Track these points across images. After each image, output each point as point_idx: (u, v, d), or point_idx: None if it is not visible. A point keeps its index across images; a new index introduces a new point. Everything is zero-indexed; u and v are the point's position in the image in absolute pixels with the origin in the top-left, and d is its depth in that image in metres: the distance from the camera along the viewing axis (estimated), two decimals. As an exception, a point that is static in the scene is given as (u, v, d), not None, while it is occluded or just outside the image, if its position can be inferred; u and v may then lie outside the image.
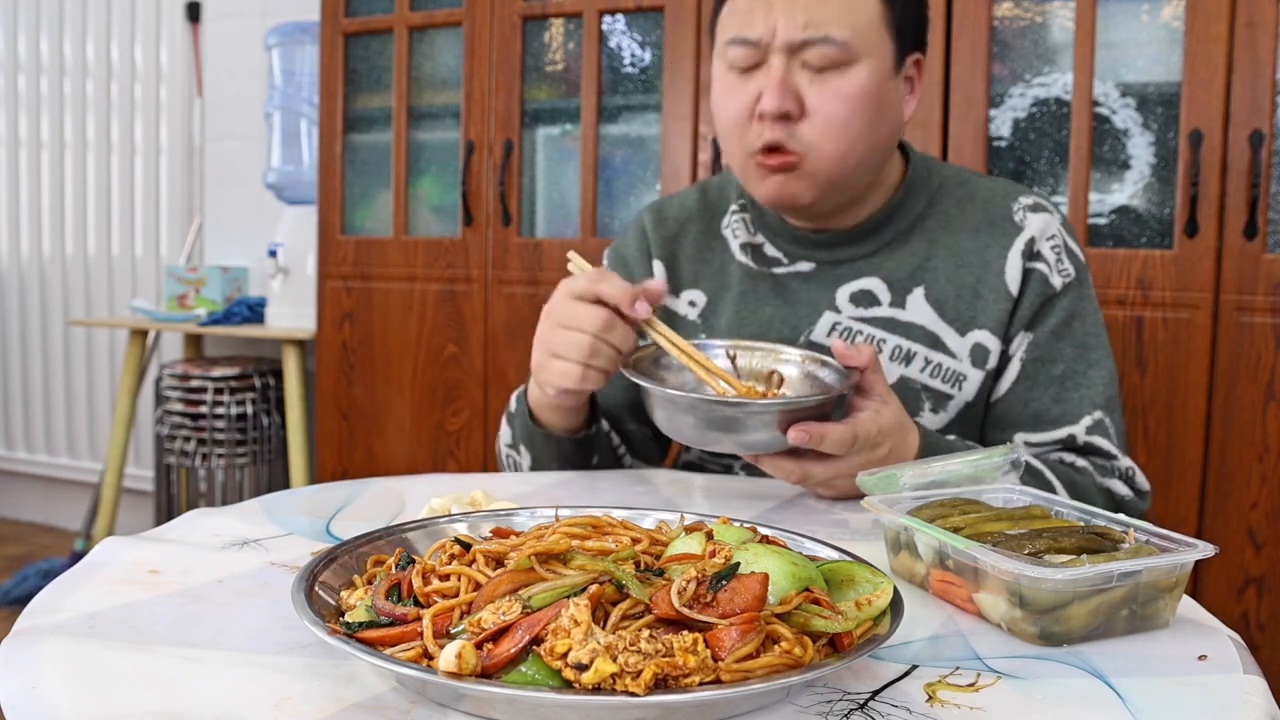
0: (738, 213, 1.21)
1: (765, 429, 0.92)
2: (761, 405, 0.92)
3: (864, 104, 1.04)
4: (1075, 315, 1.11)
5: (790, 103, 1.03)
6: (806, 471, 0.95)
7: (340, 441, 2.49)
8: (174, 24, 3.21)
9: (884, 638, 0.56)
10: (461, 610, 0.56)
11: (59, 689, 0.53)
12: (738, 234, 1.20)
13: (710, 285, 1.20)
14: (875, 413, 0.95)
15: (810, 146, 1.04)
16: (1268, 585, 1.71)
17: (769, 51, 1.04)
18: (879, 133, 1.07)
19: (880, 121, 1.06)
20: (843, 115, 1.03)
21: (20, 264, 3.53)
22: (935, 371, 1.11)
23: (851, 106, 1.03)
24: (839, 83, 1.03)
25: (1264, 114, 1.67)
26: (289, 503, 0.92)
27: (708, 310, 1.20)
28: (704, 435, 0.95)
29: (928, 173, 1.17)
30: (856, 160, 1.06)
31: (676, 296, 1.22)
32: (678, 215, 1.24)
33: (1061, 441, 1.09)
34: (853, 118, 1.04)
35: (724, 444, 0.95)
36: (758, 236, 1.19)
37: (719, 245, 1.21)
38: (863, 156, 1.06)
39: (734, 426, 0.93)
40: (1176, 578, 0.67)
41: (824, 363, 1.02)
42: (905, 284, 1.13)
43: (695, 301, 1.21)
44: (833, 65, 1.03)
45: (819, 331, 1.14)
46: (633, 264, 1.24)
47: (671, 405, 0.95)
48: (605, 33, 2.17)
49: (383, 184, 2.44)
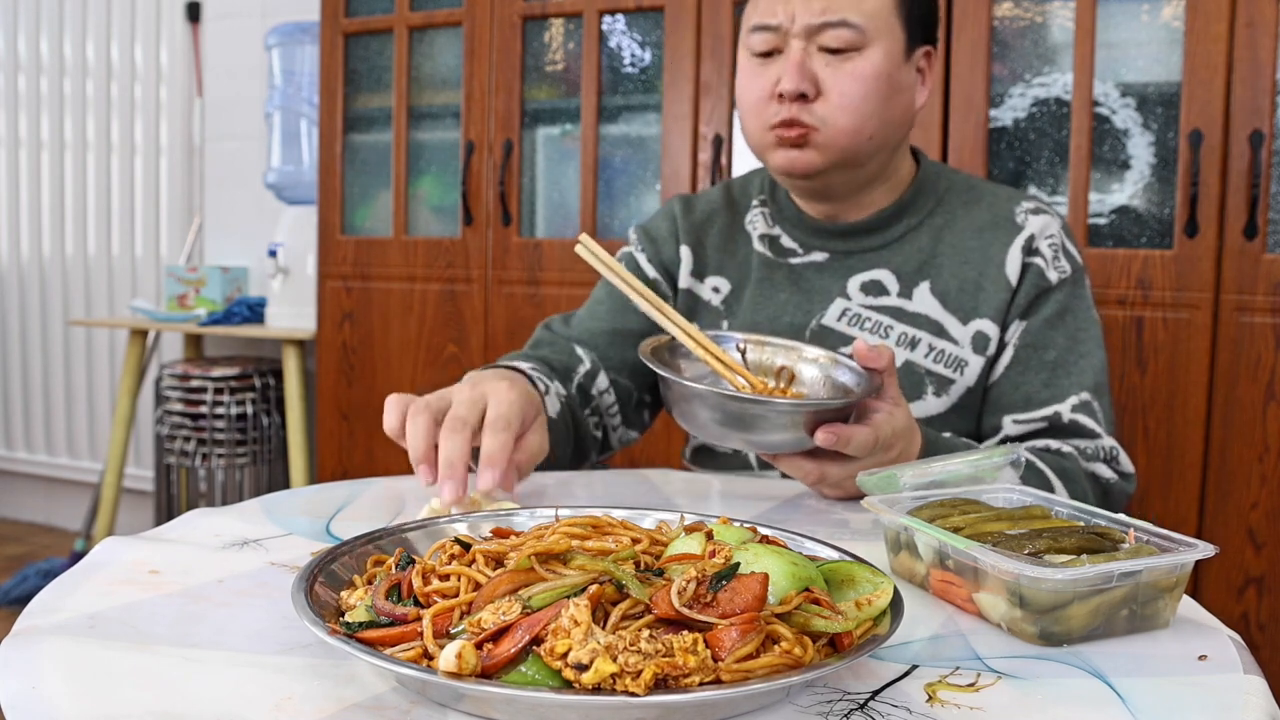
0: (758, 207, 1.27)
1: (789, 429, 0.92)
2: (791, 405, 0.92)
3: (876, 84, 1.11)
4: (1069, 309, 1.16)
5: (807, 83, 1.10)
6: (824, 472, 0.96)
7: (340, 441, 2.49)
8: (174, 24, 3.21)
9: (884, 638, 0.56)
10: (461, 610, 0.56)
11: (59, 689, 0.53)
12: (757, 226, 1.26)
13: (734, 275, 1.26)
14: (889, 415, 0.95)
15: (825, 121, 1.11)
16: (1268, 585, 1.71)
17: (788, 37, 1.11)
18: (891, 113, 1.14)
19: (892, 102, 1.13)
20: (857, 93, 1.10)
21: (20, 264, 3.53)
22: (939, 357, 1.16)
23: (865, 85, 1.11)
24: (853, 64, 1.11)
25: (1264, 114, 1.67)
26: (289, 503, 0.92)
27: (731, 297, 1.25)
28: (724, 431, 0.95)
29: (937, 176, 1.24)
30: (868, 135, 1.13)
31: (701, 282, 1.27)
32: (704, 208, 1.30)
33: (1047, 419, 1.12)
34: (867, 96, 1.11)
35: (743, 441, 0.95)
36: (775, 228, 1.25)
37: (742, 238, 1.27)
38: (874, 132, 1.13)
39: (758, 425, 0.93)
40: (1176, 578, 0.67)
41: (840, 362, 1.03)
42: (913, 277, 1.18)
43: (719, 288, 1.26)
44: (848, 48, 1.10)
45: (830, 317, 1.19)
46: (662, 244, 1.29)
47: (697, 399, 0.94)
48: (605, 33, 2.17)
49: (383, 184, 2.44)
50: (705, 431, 0.96)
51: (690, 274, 1.27)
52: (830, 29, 1.10)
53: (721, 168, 2.04)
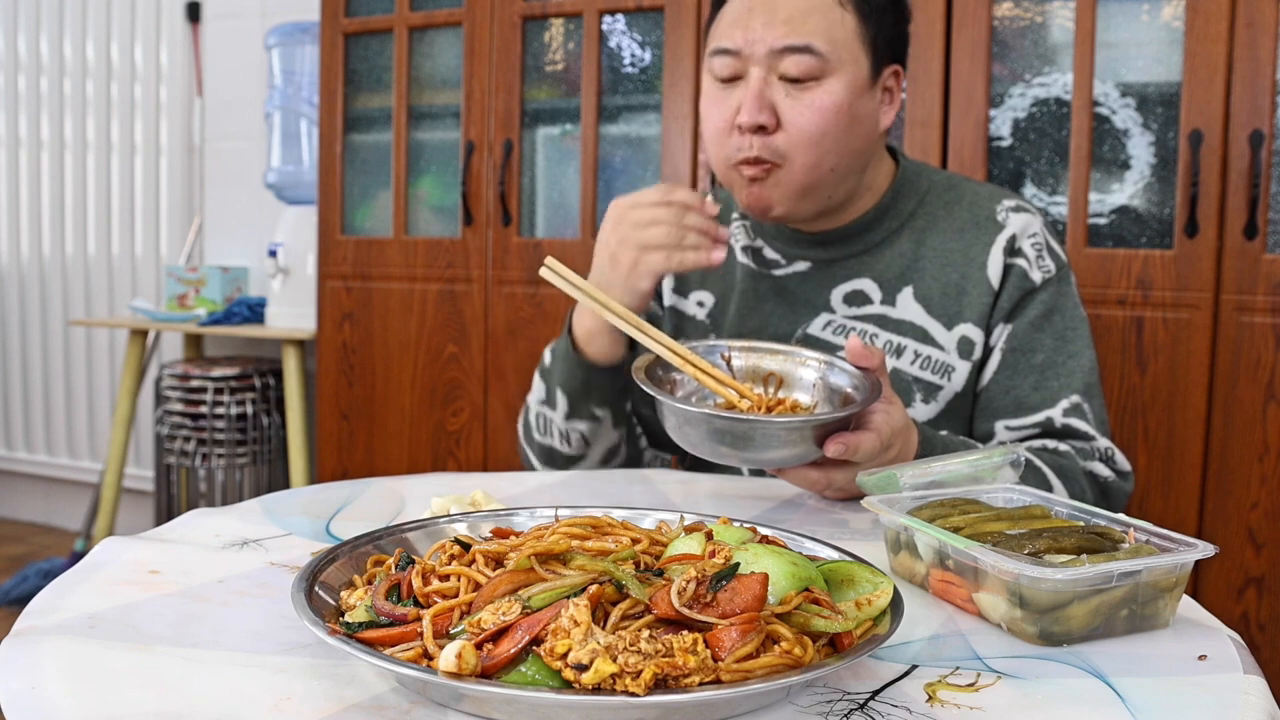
0: (738, 220, 1.27)
1: (792, 445, 0.90)
2: (799, 422, 0.90)
3: (837, 117, 1.09)
4: (1055, 309, 1.15)
5: (766, 115, 1.08)
6: (830, 480, 0.95)
7: (340, 441, 2.49)
8: (174, 24, 3.21)
9: (884, 638, 0.56)
10: (461, 610, 0.56)
11: (59, 689, 0.53)
12: (739, 239, 1.26)
13: (717, 288, 1.26)
14: (886, 414, 0.95)
15: (784, 156, 1.10)
16: (1268, 585, 1.71)
17: (749, 63, 1.09)
18: (852, 144, 1.12)
19: (853, 134, 1.11)
20: (816, 127, 1.08)
21: (20, 264, 3.53)
22: (925, 364, 1.15)
23: (825, 119, 1.08)
24: (813, 96, 1.08)
25: (1264, 114, 1.67)
26: (289, 503, 0.92)
27: (716, 310, 1.25)
28: (723, 450, 0.91)
29: (917, 176, 1.22)
30: (829, 169, 1.11)
31: (685, 298, 1.27)
32: None
33: (1040, 425, 1.12)
34: (826, 130, 1.09)
35: (742, 460, 0.92)
36: (757, 240, 1.25)
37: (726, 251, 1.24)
38: (835, 165, 1.11)
39: (758, 443, 0.90)
40: (1176, 578, 0.67)
41: (835, 365, 1.02)
42: (895, 283, 1.17)
43: (704, 302, 1.26)
44: (809, 76, 1.08)
45: (815, 327, 1.19)
46: None
47: (702, 422, 0.90)
48: (605, 33, 2.17)
49: (383, 184, 2.44)
50: (703, 450, 0.93)
51: (673, 290, 1.28)
52: (792, 54, 1.07)
53: (721, 168, 2.04)
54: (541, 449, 1.22)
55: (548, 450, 1.21)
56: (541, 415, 1.20)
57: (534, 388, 1.22)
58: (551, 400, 1.17)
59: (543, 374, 1.20)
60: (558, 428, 1.18)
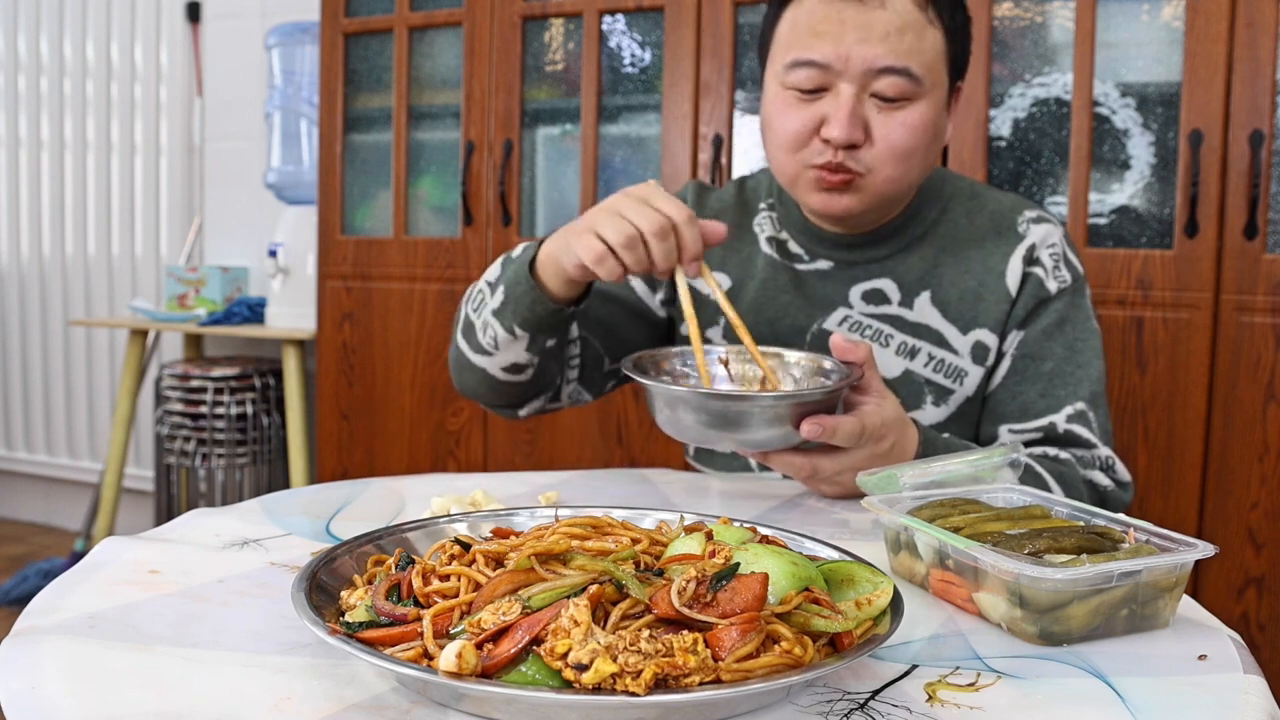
0: (766, 210, 1.27)
1: (773, 424, 0.92)
2: (772, 399, 0.92)
3: (924, 134, 1.09)
4: (1067, 319, 1.16)
5: (859, 133, 1.07)
6: (816, 466, 0.96)
7: (340, 441, 2.49)
8: (174, 24, 3.21)
9: (884, 638, 0.56)
10: (461, 610, 0.56)
11: (59, 689, 0.53)
12: (765, 229, 1.26)
13: (736, 272, 1.25)
14: (877, 405, 0.96)
15: (870, 168, 1.09)
16: (1268, 585, 1.71)
17: (840, 79, 1.07)
18: (929, 159, 1.13)
19: (933, 149, 1.13)
20: (906, 145, 1.08)
21: (20, 264, 3.53)
22: (938, 367, 1.16)
23: (915, 138, 1.08)
24: (905, 114, 1.07)
25: (1264, 114, 1.67)
26: (289, 503, 0.92)
27: (731, 294, 1.24)
28: (709, 433, 0.94)
29: (941, 182, 1.23)
30: (910, 183, 1.13)
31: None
32: (716, 205, 1.30)
33: (1042, 430, 1.12)
34: (915, 148, 1.09)
35: (729, 441, 0.94)
36: (783, 233, 1.25)
37: (749, 238, 1.26)
38: (915, 179, 1.13)
39: (741, 422, 0.92)
40: (1176, 578, 0.67)
41: (823, 365, 1.03)
42: (914, 287, 1.18)
43: (720, 284, 1.25)
44: (902, 97, 1.07)
45: (831, 322, 1.19)
46: None
47: (679, 402, 0.93)
48: (605, 33, 2.17)
49: (383, 184, 2.44)
50: (690, 434, 0.95)
51: None
52: (889, 75, 1.05)
53: (721, 168, 2.04)
54: (466, 323, 1.17)
55: (468, 325, 1.16)
56: (482, 293, 1.15)
57: (489, 269, 1.17)
58: (495, 286, 1.13)
59: (503, 262, 1.15)
60: (489, 308, 1.13)
